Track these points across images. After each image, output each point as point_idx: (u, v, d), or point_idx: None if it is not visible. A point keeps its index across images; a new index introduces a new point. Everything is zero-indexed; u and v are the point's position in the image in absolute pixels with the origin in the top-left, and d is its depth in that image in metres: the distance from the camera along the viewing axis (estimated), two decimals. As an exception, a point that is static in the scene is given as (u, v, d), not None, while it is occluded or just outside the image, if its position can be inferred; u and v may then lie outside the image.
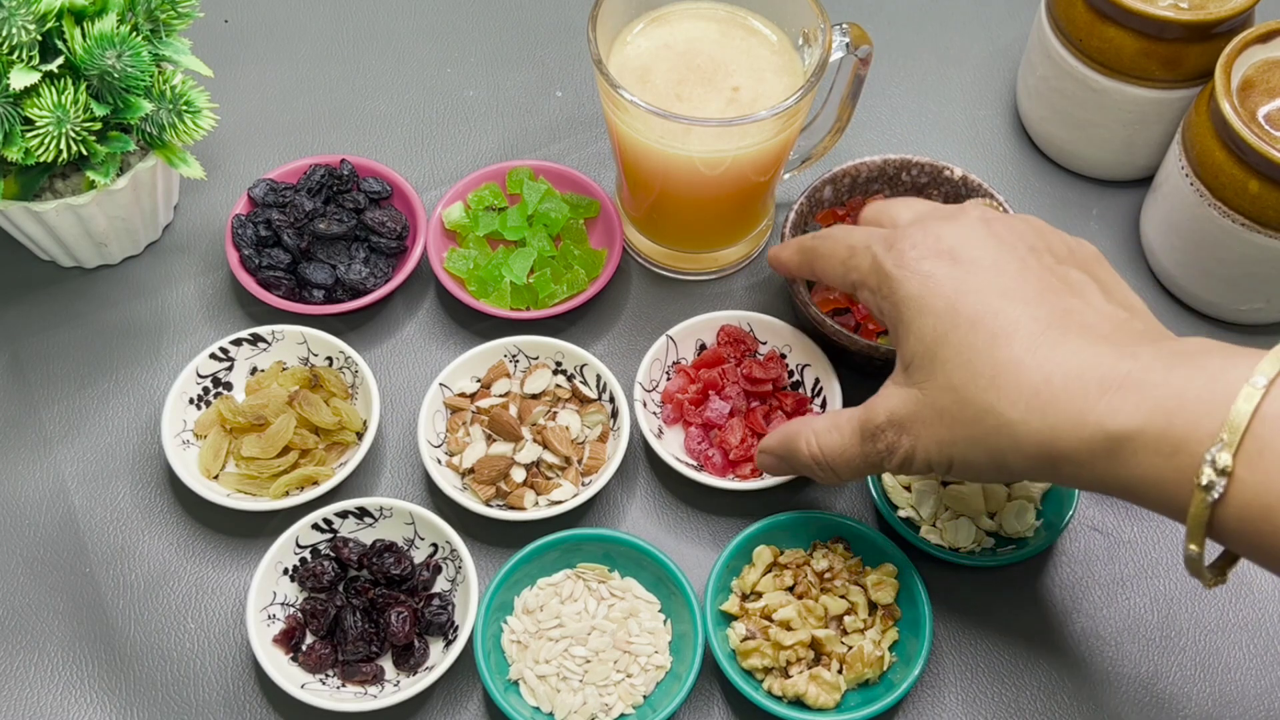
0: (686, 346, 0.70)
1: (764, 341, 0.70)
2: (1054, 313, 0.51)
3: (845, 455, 0.57)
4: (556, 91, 0.85)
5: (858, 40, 0.68)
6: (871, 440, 0.55)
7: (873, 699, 0.60)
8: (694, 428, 0.68)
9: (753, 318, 0.70)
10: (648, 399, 0.68)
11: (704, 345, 0.71)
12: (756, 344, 0.70)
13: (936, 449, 0.52)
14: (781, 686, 0.60)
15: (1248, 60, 0.68)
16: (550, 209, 0.75)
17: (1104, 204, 0.80)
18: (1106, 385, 0.48)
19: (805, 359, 0.70)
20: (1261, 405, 0.44)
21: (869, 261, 0.56)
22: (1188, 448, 0.45)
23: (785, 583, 0.63)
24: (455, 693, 0.62)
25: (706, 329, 0.70)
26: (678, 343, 0.70)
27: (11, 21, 0.60)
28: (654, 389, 0.69)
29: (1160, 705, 0.62)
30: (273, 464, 0.66)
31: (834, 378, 0.68)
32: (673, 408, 0.69)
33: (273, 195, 0.75)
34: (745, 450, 0.66)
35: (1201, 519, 0.46)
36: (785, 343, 0.70)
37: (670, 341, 0.70)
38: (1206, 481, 0.45)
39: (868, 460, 0.56)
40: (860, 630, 0.62)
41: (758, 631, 0.61)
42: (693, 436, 0.67)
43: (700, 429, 0.68)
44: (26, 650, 0.64)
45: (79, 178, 0.70)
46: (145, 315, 0.74)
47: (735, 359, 0.69)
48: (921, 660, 0.60)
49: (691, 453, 0.67)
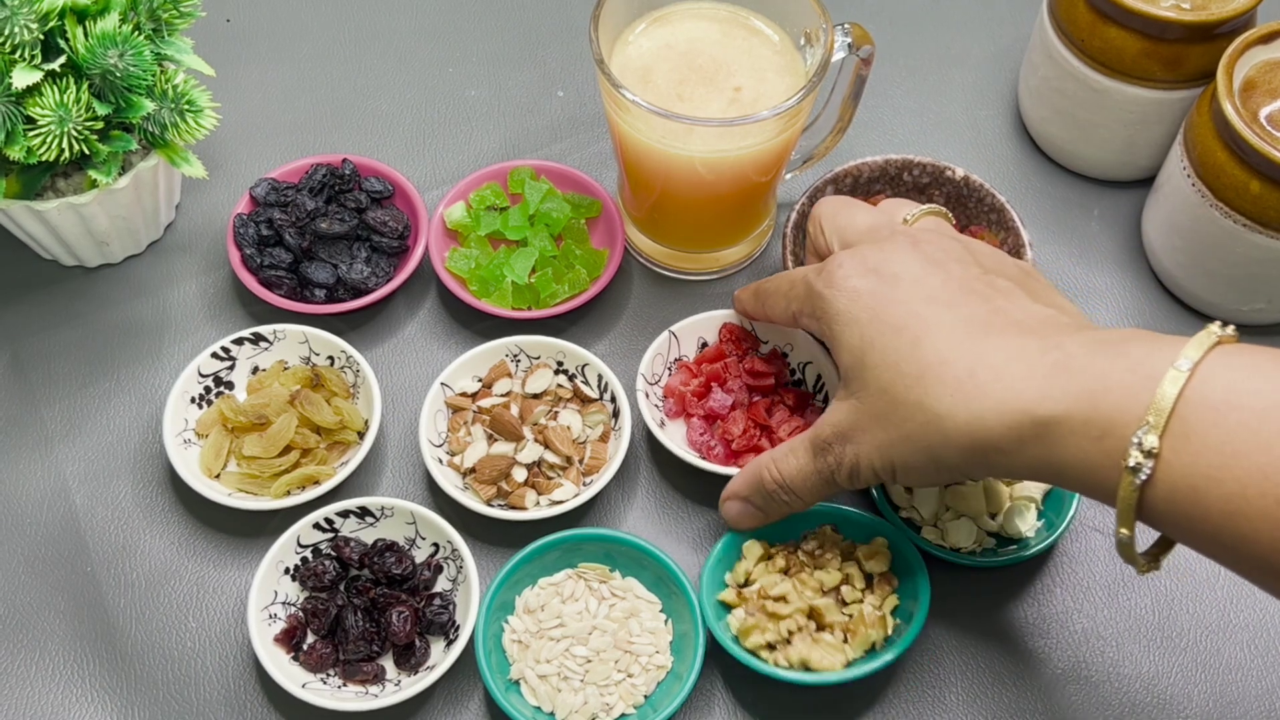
0: (689, 343, 0.70)
1: (765, 340, 0.70)
2: (978, 313, 0.52)
3: (802, 474, 0.58)
4: (558, 91, 0.85)
5: (860, 40, 0.68)
6: (822, 454, 0.57)
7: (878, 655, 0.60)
8: (696, 419, 0.68)
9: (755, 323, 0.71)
10: (650, 391, 0.69)
11: (705, 343, 0.71)
12: (758, 343, 0.70)
13: (878, 454, 0.54)
14: (786, 656, 0.60)
15: (1249, 61, 0.68)
16: (552, 209, 0.75)
17: (1105, 204, 0.80)
18: (1032, 373, 0.49)
19: (806, 357, 0.69)
20: (1186, 388, 0.45)
21: (803, 288, 0.59)
22: (1115, 431, 0.46)
23: (779, 566, 0.63)
24: (456, 692, 0.62)
25: (709, 327, 0.70)
26: (680, 339, 0.70)
27: (14, 20, 0.60)
28: (656, 383, 0.69)
29: (1161, 706, 0.62)
30: (274, 463, 0.66)
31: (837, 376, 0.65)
32: (675, 401, 0.69)
33: (274, 194, 0.75)
34: (748, 441, 0.66)
35: (1130, 502, 0.46)
36: (786, 341, 0.70)
37: (673, 337, 0.70)
38: (1134, 463, 0.45)
39: (821, 476, 0.57)
40: (859, 600, 0.61)
41: (757, 612, 0.61)
42: (695, 428, 0.68)
43: (703, 420, 0.68)
44: (28, 649, 0.64)
45: (81, 177, 0.70)
46: (147, 314, 0.74)
47: (737, 355, 0.70)
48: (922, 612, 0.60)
49: (694, 444, 0.67)
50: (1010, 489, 0.66)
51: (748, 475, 0.61)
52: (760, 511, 0.61)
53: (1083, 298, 0.76)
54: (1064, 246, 0.78)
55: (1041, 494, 0.66)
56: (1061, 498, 0.65)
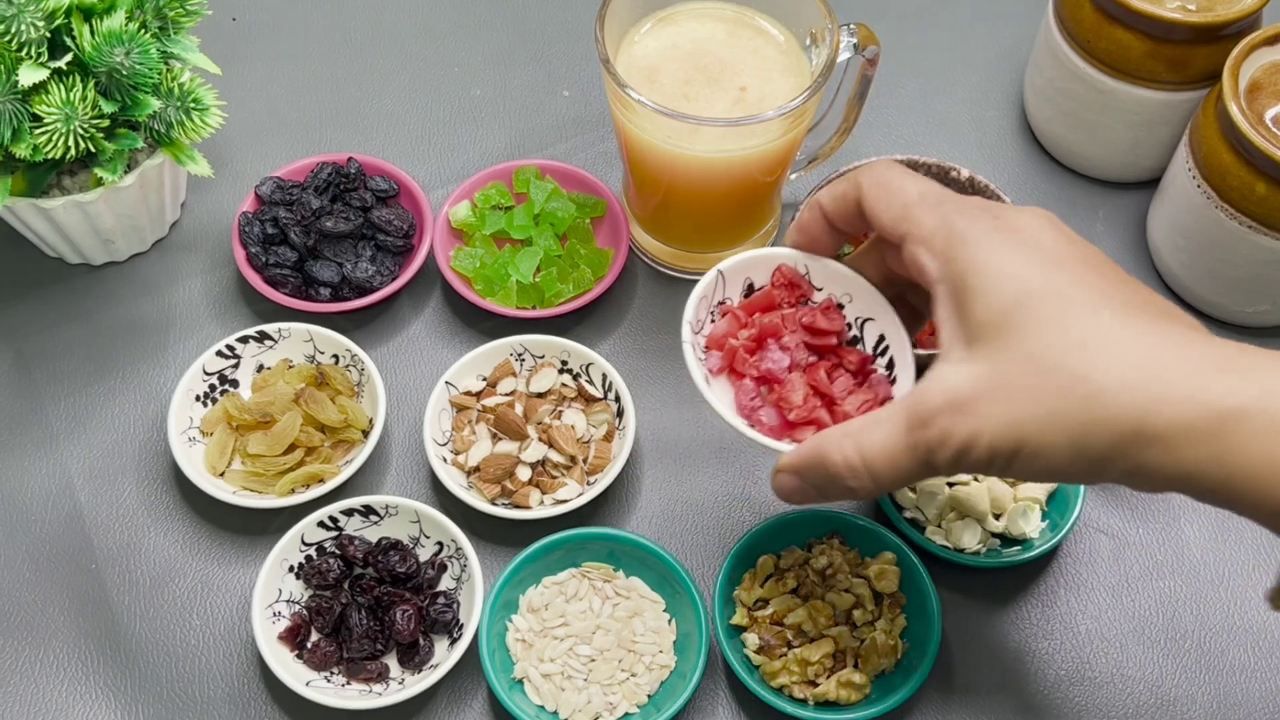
0: (734, 285, 0.58)
1: (819, 288, 0.58)
2: (1135, 298, 0.46)
3: (889, 452, 0.48)
4: (564, 91, 0.85)
5: (865, 41, 0.68)
6: (921, 428, 0.47)
7: (893, 688, 0.60)
8: (749, 381, 0.56)
9: (810, 260, 0.58)
10: (695, 343, 0.57)
11: (753, 286, 0.59)
12: (811, 289, 0.58)
13: (1006, 430, 0.45)
14: (811, 694, 0.60)
15: (1255, 62, 0.68)
16: (557, 208, 0.75)
17: (1110, 205, 0.80)
18: (1206, 362, 0.43)
19: (868, 312, 0.57)
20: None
21: (937, 218, 0.49)
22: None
23: (788, 585, 0.63)
24: (460, 691, 0.62)
25: (760, 267, 0.58)
26: (726, 279, 0.58)
27: (20, 18, 0.60)
28: (700, 330, 0.58)
29: (1165, 707, 0.62)
30: (278, 461, 0.66)
31: (905, 338, 0.56)
32: (723, 355, 0.57)
33: (280, 193, 0.75)
34: (808, 412, 0.55)
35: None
36: (845, 291, 0.58)
37: (720, 277, 0.58)
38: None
39: (916, 454, 0.47)
40: (870, 623, 0.62)
41: (772, 639, 0.61)
42: (745, 391, 0.56)
43: (755, 383, 0.56)
44: (32, 646, 0.64)
45: (86, 175, 0.70)
46: (152, 312, 0.75)
47: (790, 304, 0.58)
48: (934, 644, 0.60)
49: (742, 409, 0.56)
50: (1015, 489, 0.66)
51: (810, 451, 0.51)
52: (816, 491, 0.52)
53: (1087, 299, 0.76)
54: (1069, 247, 0.78)
55: (1046, 495, 0.66)
56: (1066, 499, 0.65)
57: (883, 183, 0.52)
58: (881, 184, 0.52)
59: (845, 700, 0.60)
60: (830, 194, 0.54)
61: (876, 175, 0.52)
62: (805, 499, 0.53)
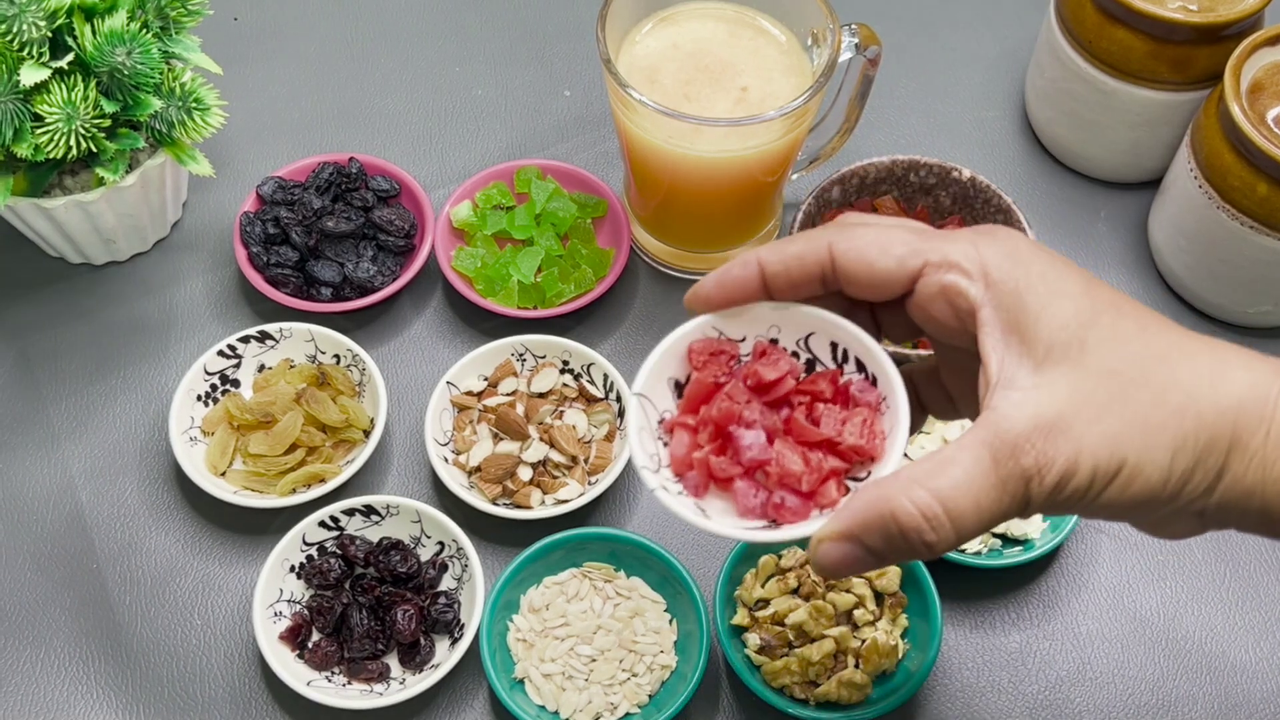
0: (662, 397, 0.50)
1: (740, 339, 0.50)
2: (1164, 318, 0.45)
3: (974, 493, 0.42)
4: (565, 91, 0.85)
5: (866, 41, 0.68)
6: (1012, 459, 0.42)
7: (893, 688, 0.60)
8: (739, 481, 0.48)
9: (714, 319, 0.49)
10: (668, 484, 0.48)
11: (679, 383, 0.50)
12: (735, 345, 0.50)
13: (1107, 446, 0.41)
14: (812, 695, 0.60)
15: (1257, 63, 0.68)
16: (558, 208, 0.75)
17: (1112, 206, 0.80)
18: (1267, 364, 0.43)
19: (802, 329, 0.49)
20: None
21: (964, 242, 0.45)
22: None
23: (789, 585, 0.63)
24: (461, 691, 0.62)
25: (672, 362, 0.50)
26: (651, 398, 0.50)
27: (22, 18, 0.60)
28: (661, 465, 0.49)
29: (1166, 708, 0.62)
30: (280, 461, 0.66)
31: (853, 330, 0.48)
32: (698, 476, 0.48)
33: (281, 193, 0.75)
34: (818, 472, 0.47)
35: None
36: (769, 325, 0.50)
37: (643, 401, 0.49)
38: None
39: (1007, 490, 0.42)
40: (871, 623, 0.62)
41: (773, 639, 0.61)
42: (744, 494, 0.47)
43: (747, 480, 0.48)
44: (34, 645, 0.64)
45: (88, 174, 0.70)
46: (153, 312, 0.75)
47: (726, 375, 0.49)
48: (935, 644, 0.60)
49: (752, 512, 0.47)
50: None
51: (870, 509, 0.42)
52: (875, 557, 0.43)
53: (1089, 299, 0.76)
54: (1070, 248, 0.78)
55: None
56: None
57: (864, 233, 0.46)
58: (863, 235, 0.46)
59: (846, 700, 0.60)
60: (779, 254, 0.47)
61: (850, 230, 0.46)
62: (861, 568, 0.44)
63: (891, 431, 0.47)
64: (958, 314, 0.45)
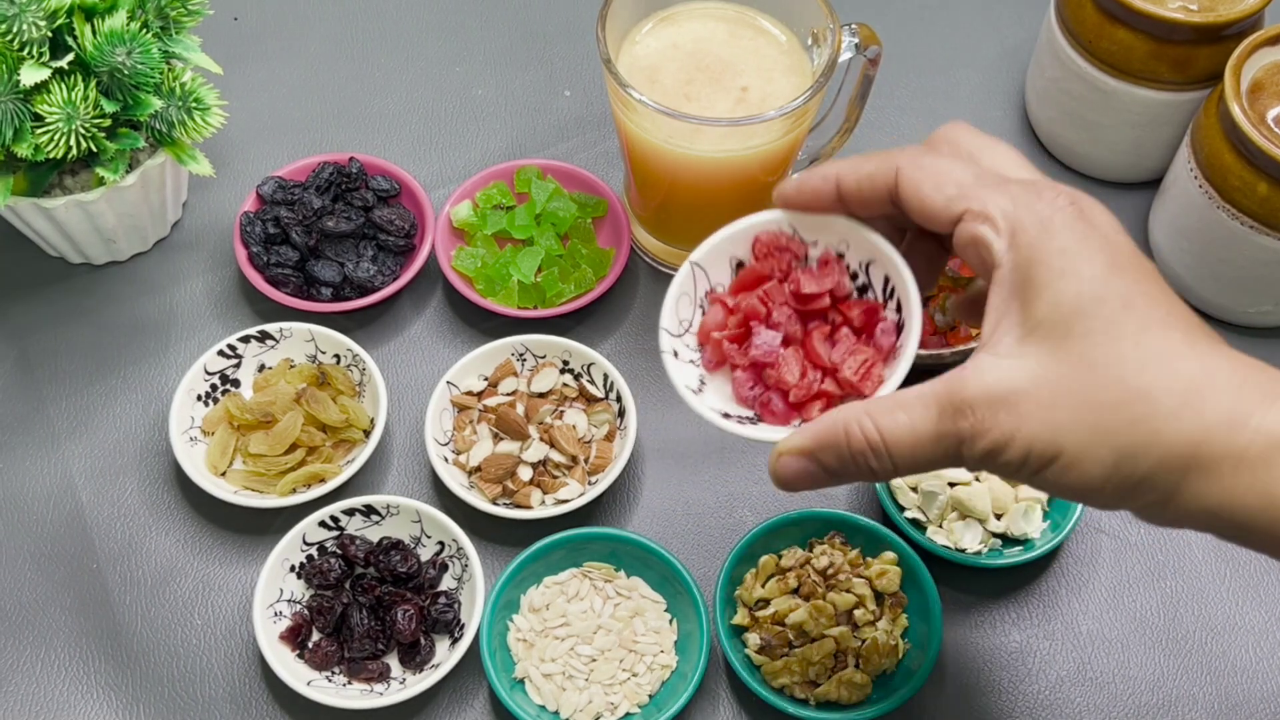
0: (720, 270, 0.53)
1: (813, 242, 0.52)
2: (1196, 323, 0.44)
3: (914, 437, 0.44)
4: (565, 90, 0.85)
5: (867, 41, 0.68)
6: (954, 418, 0.43)
7: (893, 688, 0.60)
8: (741, 372, 0.51)
9: (794, 217, 0.52)
10: (679, 347, 0.52)
11: (741, 263, 0.54)
12: (804, 247, 0.52)
13: (1047, 435, 0.42)
14: (812, 695, 0.60)
15: (1257, 63, 0.68)
16: (558, 208, 0.75)
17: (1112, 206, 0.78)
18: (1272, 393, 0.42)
19: (868, 254, 0.51)
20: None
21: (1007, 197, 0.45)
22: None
23: (789, 585, 0.63)
24: (461, 691, 0.62)
25: (741, 242, 0.53)
26: (707, 269, 0.53)
27: (22, 18, 0.60)
28: (686, 330, 0.53)
29: (1167, 708, 0.62)
30: (280, 461, 0.66)
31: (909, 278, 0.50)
32: (711, 349, 0.52)
33: (281, 193, 0.75)
34: (807, 390, 0.50)
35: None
36: (841, 239, 0.52)
37: (696, 269, 0.53)
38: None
39: (942, 444, 0.44)
40: (871, 623, 0.62)
41: (773, 639, 0.61)
42: (741, 383, 0.51)
43: (749, 372, 0.51)
44: (34, 645, 0.64)
45: (88, 174, 0.70)
46: (153, 312, 0.75)
47: (781, 273, 0.52)
48: (935, 644, 0.60)
49: (745, 401, 0.51)
50: (1016, 489, 0.66)
51: (823, 428, 0.46)
52: (826, 474, 0.47)
53: (1089, 299, 0.76)
54: (1070, 248, 0.78)
55: (1047, 495, 0.66)
56: (1067, 499, 0.65)
57: (927, 165, 0.47)
58: (925, 167, 0.47)
59: (846, 700, 0.60)
60: (855, 171, 0.49)
61: (918, 159, 0.47)
62: (812, 483, 0.48)
63: (887, 381, 0.48)
64: (983, 264, 0.45)
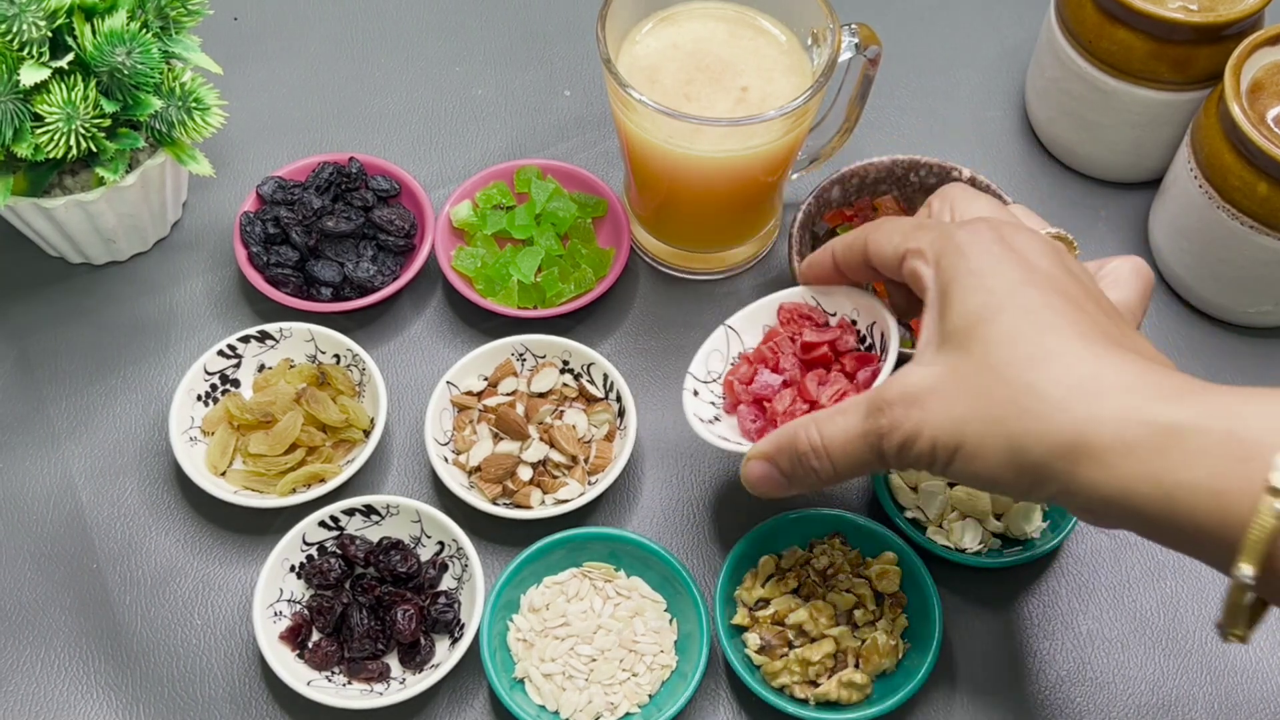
0: (752, 335, 0.65)
1: (832, 313, 0.63)
2: (1109, 329, 0.48)
3: (846, 436, 0.51)
4: (565, 90, 0.85)
5: (866, 40, 0.68)
6: (875, 417, 0.50)
7: (894, 689, 0.60)
8: (745, 406, 0.61)
9: (811, 292, 0.63)
10: (701, 388, 0.63)
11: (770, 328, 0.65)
12: (825, 316, 0.63)
13: (949, 426, 0.48)
14: (812, 695, 0.60)
15: (1257, 63, 0.68)
16: (558, 208, 0.75)
17: (1112, 206, 0.80)
18: (1161, 389, 0.45)
19: (872, 317, 0.61)
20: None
21: (936, 234, 0.52)
22: (1260, 451, 0.41)
23: (789, 585, 0.63)
24: (461, 691, 0.62)
25: (769, 313, 0.64)
26: (740, 333, 0.64)
27: (22, 18, 0.60)
28: (714, 379, 0.64)
29: (1167, 708, 0.62)
30: (280, 461, 0.66)
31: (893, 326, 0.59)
32: (724, 391, 0.63)
33: (281, 193, 0.75)
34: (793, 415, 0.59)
35: (1267, 530, 0.41)
36: (854, 308, 0.62)
37: (730, 332, 0.64)
38: None
39: (868, 441, 0.50)
40: (871, 623, 0.62)
41: (773, 639, 0.61)
42: (745, 416, 0.61)
43: (752, 406, 0.61)
44: (34, 645, 0.64)
45: (88, 174, 0.70)
46: (153, 312, 0.75)
47: (797, 334, 0.63)
48: (935, 645, 0.60)
49: (746, 433, 0.61)
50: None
51: (780, 434, 0.54)
52: (785, 479, 0.55)
53: (1089, 299, 0.76)
54: (1070, 248, 0.78)
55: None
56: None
57: (884, 225, 0.56)
58: (882, 226, 0.56)
59: (846, 700, 0.60)
60: (843, 242, 0.59)
61: (880, 223, 0.56)
62: (773, 487, 0.56)
63: None
64: (921, 292, 0.52)
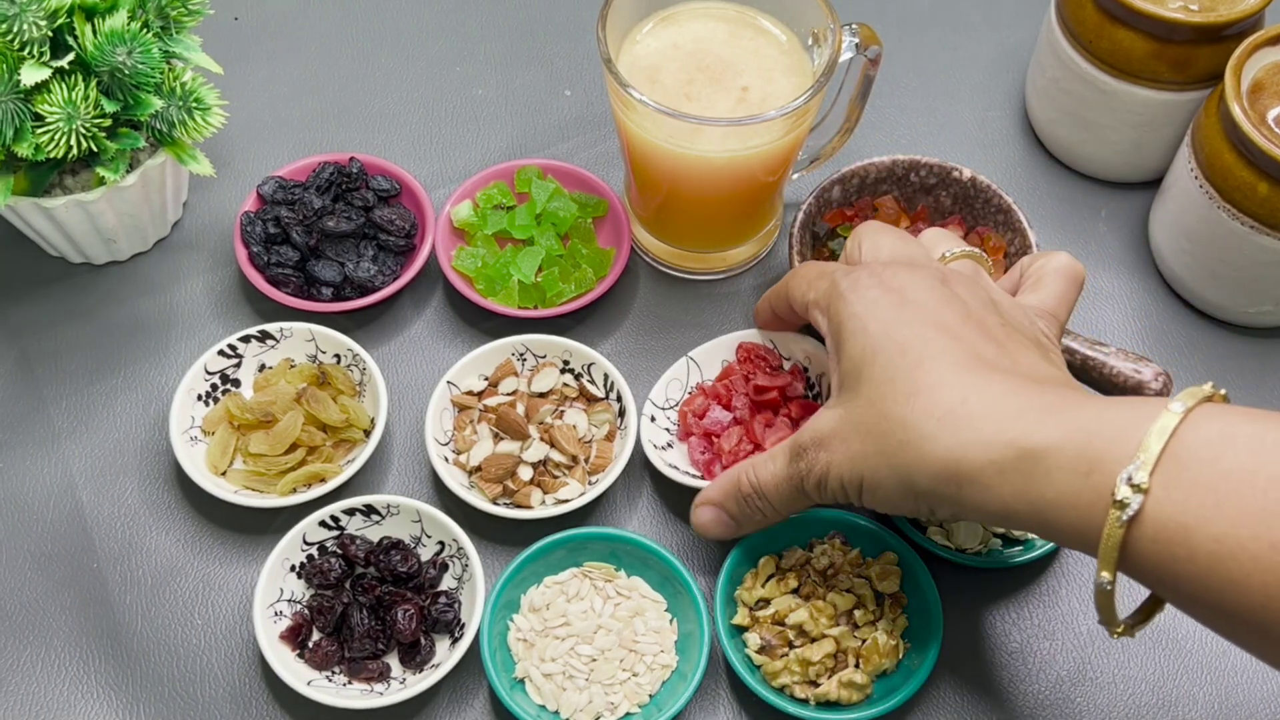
0: (711, 367, 0.70)
1: (787, 358, 0.69)
2: (985, 352, 0.52)
3: (775, 479, 0.57)
4: (565, 90, 0.85)
5: (867, 41, 0.68)
6: (796, 459, 0.56)
7: (893, 689, 0.60)
8: (695, 438, 0.67)
9: (775, 335, 0.69)
10: (658, 414, 0.68)
11: (727, 363, 0.70)
12: (779, 359, 0.69)
13: (849, 465, 0.53)
14: (812, 695, 0.60)
15: (1258, 63, 0.68)
16: (558, 208, 0.75)
17: (1112, 206, 0.80)
18: (1025, 410, 0.48)
19: (822, 368, 0.68)
20: (1180, 428, 0.44)
21: (828, 282, 0.58)
22: (1104, 467, 0.45)
23: (790, 585, 0.63)
24: (461, 690, 0.62)
25: (728, 347, 0.70)
26: (700, 363, 0.70)
27: (22, 18, 0.60)
28: (670, 406, 0.69)
29: (1167, 708, 0.62)
30: (280, 461, 0.66)
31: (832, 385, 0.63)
32: (680, 421, 0.68)
33: (282, 192, 0.75)
34: (736, 457, 0.65)
35: (1115, 540, 0.45)
36: (806, 356, 0.68)
37: (691, 363, 0.70)
38: (1122, 498, 0.44)
39: (792, 482, 0.56)
40: (871, 623, 0.62)
41: (774, 639, 0.61)
42: (695, 447, 0.66)
43: (702, 439, 0.67)
44: (34, 645, 0.64)
45: (89, 174, 0.70)
46: (154, 312, 0.75)
47: (752, 371, 0.68)
48: (935, 645, 0.60)
49: (695, 463, 0.66)
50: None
51: (724, 480, 0.60)
52: (733, 521, 0.60)
53: (1089, 300, 0.76)
54: (1071, 248, 0.78)
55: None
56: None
57: (800, 273, 0.61)
58: (798, 274, 0.62)
59: (846, 700, 0.60)
60: (774, 290, 0.65)
61: (798, 271, 0.62)
62: (724, 530, 0.61)
63: None
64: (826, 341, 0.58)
